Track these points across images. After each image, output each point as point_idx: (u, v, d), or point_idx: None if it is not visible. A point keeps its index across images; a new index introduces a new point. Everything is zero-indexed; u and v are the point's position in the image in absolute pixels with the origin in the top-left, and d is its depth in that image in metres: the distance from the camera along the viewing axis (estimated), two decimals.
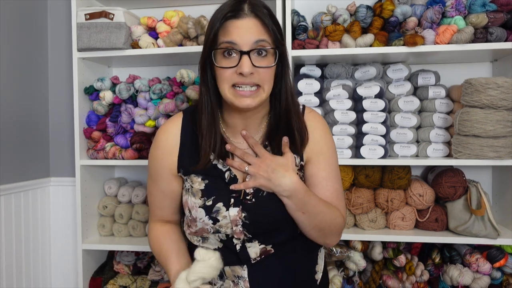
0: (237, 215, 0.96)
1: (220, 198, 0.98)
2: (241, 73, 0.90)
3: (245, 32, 0.90)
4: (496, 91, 1.45)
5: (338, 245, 1.70)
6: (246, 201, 0.97)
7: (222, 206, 0.97)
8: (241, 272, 1.00)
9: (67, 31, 2.01)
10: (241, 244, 0.99)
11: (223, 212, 0.97)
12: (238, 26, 0.90)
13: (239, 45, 0.90)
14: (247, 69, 0.89)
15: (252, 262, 1.00)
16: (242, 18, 0.91)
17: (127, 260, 1.81)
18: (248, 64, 0.89)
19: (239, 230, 0.97)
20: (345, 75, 1.74)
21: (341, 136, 1.63)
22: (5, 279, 1.77)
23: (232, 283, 1.01)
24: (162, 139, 1.05)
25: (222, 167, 1.00)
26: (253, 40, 0.90)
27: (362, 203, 1.66)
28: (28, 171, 1.92)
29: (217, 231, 0.99)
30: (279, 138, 1.00)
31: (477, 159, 1.50)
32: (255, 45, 0.91)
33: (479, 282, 1.61)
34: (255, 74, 0.91)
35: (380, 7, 1.60)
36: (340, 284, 1.64)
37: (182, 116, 1.06)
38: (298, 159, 1.03)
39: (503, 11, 1.54)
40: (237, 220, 0.97)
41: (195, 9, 1.86)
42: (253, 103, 0.93)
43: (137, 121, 1.73)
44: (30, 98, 1.93)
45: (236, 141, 1.04)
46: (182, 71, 1.72)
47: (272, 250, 1.01)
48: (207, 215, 0.97)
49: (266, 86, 0.94)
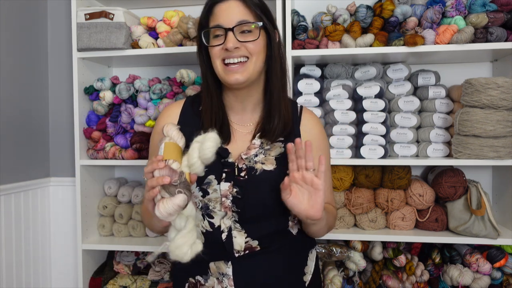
0: (227, 189, 0.99)
1: (212, 171, 1.00)
2: (226, 48, 0.97)
3: (229, 13, 0.99)
4: (496, 91, 1.45)
5: (338, 245, 1.70)
6: (239, 177, 1.00)
7: (213, 179, 1.00)
8: (225, 269, 1.01)
9: (67, 31, 2.01)
10: (227, 233, 1.00)
11: (214, 185, 1.00)
12: (222, 8, 1.00)
13: (224, 25, 0.98)
14: (231, 44, 0.97)
15: (236, 255, 1.00)
16: (226, 1, 1.00)
17: (127, 260, 1.81)
18: (232, 39, 0.97)
19: (228, 205, 0.99)
20: (345, 75, 1.74)
21: (341, 136, 1.63)
22: (5, 279, 1.77)
23: (216, 280, 1.02)
24: (164, 116, 1.11)
25: None
26: (236, 19, 0.98)
27: (362, 203, 1.66)
28: (28, 171, 1.92)
29: (206, 206, 1.01)
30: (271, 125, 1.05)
31: (477, 159, 1.50)
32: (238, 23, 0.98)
33: (479, 282, 1.61)
34: (242, 48, 0.98)
35: (380, 7, 1.60)
36: (340, 284, 1.64)
37: (185, 100, 1.14)
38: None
39: (503, 11, 1.53)
40: (227, 195, 0.99)
41: (195, 9, 1.86)
42: (241, 77, 0.99)
43: (137, 121, 1.73)
44: (30, 98, 1.93)
45: (235, 121, 1.09)
46: (182, 71, 1.72)
47: (258, 247, 1.01)
48: (198, 186, 1.00)
49: (254, 57, 1.00)
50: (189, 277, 1.06)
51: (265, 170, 1.01)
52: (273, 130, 1.04)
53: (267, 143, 1.04)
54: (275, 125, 1.04)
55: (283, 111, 1.05)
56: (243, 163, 1.01)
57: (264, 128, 1.05)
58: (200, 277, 1.04)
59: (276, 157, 1.03)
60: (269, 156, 1.03)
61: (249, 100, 1.07)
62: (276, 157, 1.03)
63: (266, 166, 1.02)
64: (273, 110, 1.05)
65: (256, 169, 1.01)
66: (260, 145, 1.04)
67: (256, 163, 1.02)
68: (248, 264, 1.01)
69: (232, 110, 1.09)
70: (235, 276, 1.00)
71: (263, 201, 1.01)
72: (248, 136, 1.07)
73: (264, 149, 1.04)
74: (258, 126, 1.07)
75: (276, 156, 1.04)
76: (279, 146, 1.05)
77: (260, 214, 1.02)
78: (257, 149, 1.04)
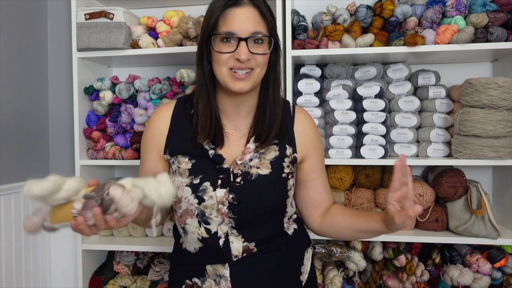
0: (223, 196, 0.98)
1: (207, 177, 0.99)
2: (238, 59, 0.94)
3: (244, 21, 0.95)
4: (496, 91, 1.45)
5: (338, 245, 1.70)
6: (235, 183, 0.99)
7: (209, 185, 0.99)
8: (223, 271, 1.00)
9: (67, 31, 2.01)
10: (224, 238, 1.00)
11: (209, 192, 0.98)
12: (237, 14, 0.95)
13: (238, 33, 0.94)
14: (244, 56, 0.94)
15: (233, 260, 1.00)
16: (242, 7, 0.95)
17: (127, 260, 1.81)
18: (245, 50, 0.94)
19: (225, 211, 0.98)
20: (345, 75, 1.73)
21: (341, 136, 1.63)
22: (5, 279, 1.77)
23: (213, 282, 1.01)
24: (154, 120, 1.08)
25: (208, 147, 1.02)
26: (251, 30, 0.95)
27: (362, 203, 1.66)
28: (28, 171, 1.92)
29: (202, 213, 0.99)
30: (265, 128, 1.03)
31: (477, 159, 1.50)
32: (253, 34, 0.95)
33: (480, 282, 1.61)
34: (252, 60, 0.96)
35: (380, 7, 1.60)
36: (340, 284, 1.64)
37: (175, 102, 1.10)
38: (291, 149, 1.06)
39: (504, 11, 1.53)
40: (223, 201, 0.98)
41: (195, 9, 1.87)
42: (247, 86, 0.97)
43: (137, 121, 1.73)
44: (30, 98, 1.93)
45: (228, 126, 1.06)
46: (182, 71, 1.72)
47: (255, 249, 1.01)
48: (193, 194, 0.99)
49: (258, 69, 0.98)
50: (185, 279, 1.06)
51: (260, 174, 1.00)
52: (268, 134, 1.03)
53: (261, 147, 1.03)
54: (269, 129, 1.03)
55: (277, 115, 1.04)
56: (238, 169, 1.00)
57: (259, 132, 1.04)
58: (197, 279, 1.04)
59: (271, 161, 1.02)
60: (264, 160, 1.02)
61: (245, 105, 1.05)
62: (271, 161, 1.02)
63: (261, 170, 1.00)
64: (268, 114, 1.04)
65: (252, 174, 1.00)
66: (255, 149, 1.03)
67: (251, 168, 1.00)
68: (246, 266, 1.01)
69: (226, 114, 1.06)
70: (232, 277, 1.00)
71: (260, 206, 1.00)
72: (242, 140, 1.05)
73: (259, 153, 1.03)
74: (252, 130, 1.06)
75: (271, 160, 1.02)
76: (273, 149, 1.04)
77: (257, 219, 1.01)
78: (252, 154, 1.02)
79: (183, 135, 1.04)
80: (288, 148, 1.05)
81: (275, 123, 1.03)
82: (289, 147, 1.06)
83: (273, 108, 1.04)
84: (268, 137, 1.03)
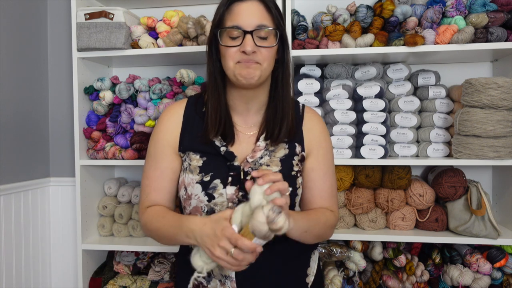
0: (233, 193, 0.98)
1: (218, 175, 0.99)
2: (244, 51, 0.95)
3: (249, 14, 0.96)
4: (496, 91, 1.45)
5: (338, 245, 1.69)
6: (245, 181, 0.98)
7: (219, 183, 0.99)
8: (228, 272, 1.00)
9: (67, 31, 2.01)
10: None
11: (220, 189, 0.99)
12: (242, 8, 0.97)
13: (243, 26, 0.95)
14: (249, 48, 0.94)
15: None
16: (247, 1, 0.97)
17: (127, 260, 1.81)
18: (250, 43, 0.95)
19: None
20: (345, 75, 1.73)
21: (341, 136, 1.63)
22: (5, 279, 1.76)
23: (219, 283, 1.02)
24: (167, 116, 1.09)
25: (219, 144, 1.02)
26: (256, 23, 0.96)
27: (362, 203, 1.66)
28: (28, 171, 1.92)
29: (211, 210, 0.99)
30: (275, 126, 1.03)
31: (477, 159, 1.50)
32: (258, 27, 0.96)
33: (480, 282, 1.61)
34: (258, 53, 0.96)
35: (380, 7, 1.60)
36: (340, 284, 1.64)
37: (187, 100, 1.11)
38: (300, 147, 1.06)
39: (504, 11, 1.53)
40: (233, 199, 0.98)
41: (195, 9, 1.87)
42: (255, 72, 0.97)
43: (137, 121, 1.73)
44: (30, 98, 1.93)
45: (238, 123, 1.07)
46: (182, 71, 1.72)
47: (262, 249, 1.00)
48: (203, 191, 0.99)
49: (265, 63, 0.98)
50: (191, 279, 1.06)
51: None
52: (278, 132, 1.03)
53: (271, 145, 1.04)
54: (280, 127, 1.03)
55: (287, 113, 1.04)
56: (249, 166, 1.01)
57: (269, 130, 1.04)
58: (202, 279, 1.04)
59: (281, 159, 1.03)
60: (274, 158, 1.03)
61: (255, 101, 1.06)
62: (281, 159, 1.03)
63: (271, 168, 1.01)
64: (279, 112, 1.04)
65: None
66: (265, 147, 1.04)
67: (261, 166, 1.01)
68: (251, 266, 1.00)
69: (236, 111, 1.07)
70: (238, 278, 1.00)
71: None
72: (252, 138, 1.06)
73: (269, 150, 1.03)
74: (262, 128, 1.06)
75: (280, 157, 1.03)
76: (283, 147, 1.05)
77: None
78: (262, 151, 1.03)
79: (195, 133, 1.04)
80: (297, 146, 1.06)
81: (286, 121, 1.03)
82: (298, 145, 1.06)
83: (283, 105, 1.04)
84: (278, 135, 1.03)
